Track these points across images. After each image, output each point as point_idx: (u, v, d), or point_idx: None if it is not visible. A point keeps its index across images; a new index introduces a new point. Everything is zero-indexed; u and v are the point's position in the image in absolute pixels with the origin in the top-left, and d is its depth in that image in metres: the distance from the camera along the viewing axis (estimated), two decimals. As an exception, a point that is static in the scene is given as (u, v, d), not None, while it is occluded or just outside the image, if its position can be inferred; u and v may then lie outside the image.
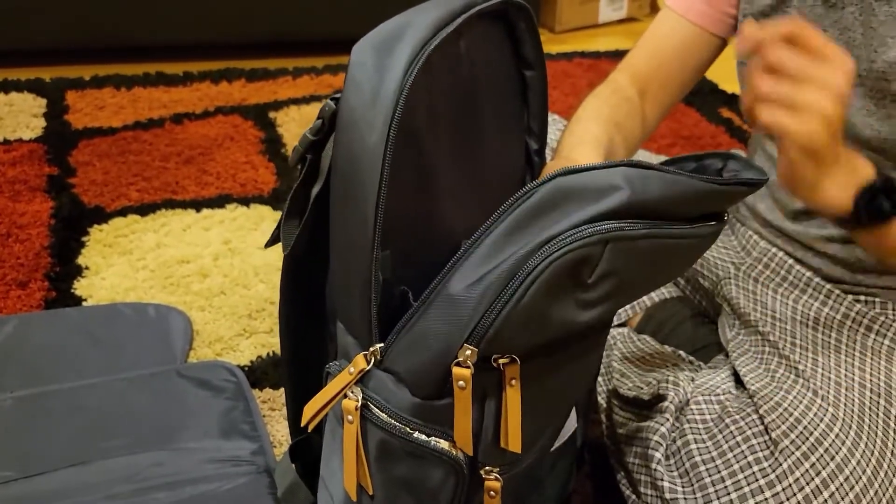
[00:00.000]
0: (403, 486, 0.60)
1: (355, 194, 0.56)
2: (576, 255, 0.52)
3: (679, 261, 0.60)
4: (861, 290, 0.82)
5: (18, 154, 1.47)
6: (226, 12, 1.88)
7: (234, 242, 1.27)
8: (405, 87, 0.54)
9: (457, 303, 0.54)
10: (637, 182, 0.54)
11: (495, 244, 0.54)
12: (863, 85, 0.76)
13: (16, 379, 0.97)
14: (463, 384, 0.55)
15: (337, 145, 0.57)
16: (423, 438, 0.57)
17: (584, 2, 2.32)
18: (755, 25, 0.60)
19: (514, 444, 0.58)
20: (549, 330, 0.55)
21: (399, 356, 0.57)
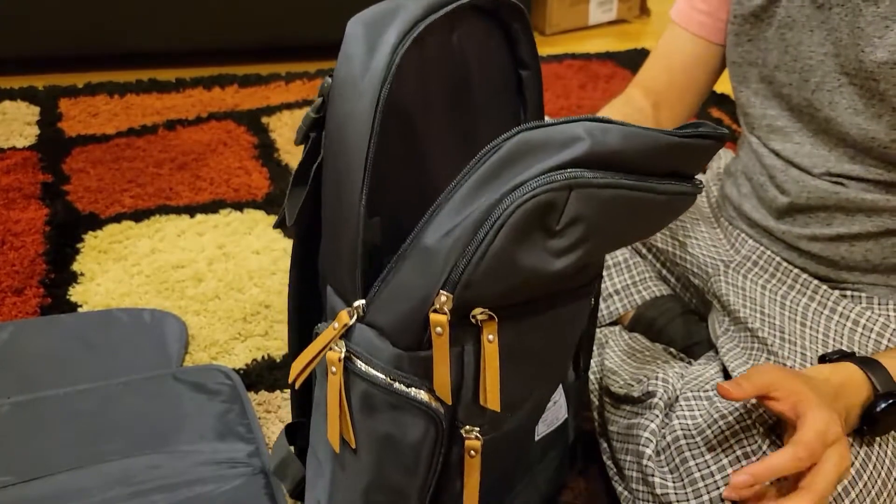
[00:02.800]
0: (385, 440, 0.62)
1: (345, 159, 0.59)
2: (541, 199, 0.54)
3: (650, 217, 0.62)
4: (847, 287, 0.83)
5: (12, 162, 1.48)
6: (218, 19, 1.89)
7: (228, 247, 1.28)
8: (396, 60, 0.57)
9: (431, 253, 0.56)
10: (597, 133, 0.56)
11: (465, 196, 0.56)
12: (851, 84, 0.77)
13: (12, 385, 0.98)
14: (440, 330, 0.57)
15: (329, 114, 0.60)
16: (402, 389, 0.59)
17: (574, 4, 2.33)
18: (745, 476, 0.63)
19: (492, 402, 0.60)
20: (521, 278, 0.57)
21: (380, 310, 0.59)
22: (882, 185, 0.79)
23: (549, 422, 0.76)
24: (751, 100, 0.87)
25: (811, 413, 0.64)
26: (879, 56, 0.73)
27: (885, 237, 0.80)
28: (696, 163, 0.63)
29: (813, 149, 0.82)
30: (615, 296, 0.97)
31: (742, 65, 0.87)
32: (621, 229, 0.60)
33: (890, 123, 0.75)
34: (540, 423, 0.75)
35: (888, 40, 0.73)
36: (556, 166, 0.55)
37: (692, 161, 0.62)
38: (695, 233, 0.96)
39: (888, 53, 0.73)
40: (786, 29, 0.81)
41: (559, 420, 0.78)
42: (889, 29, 0.73)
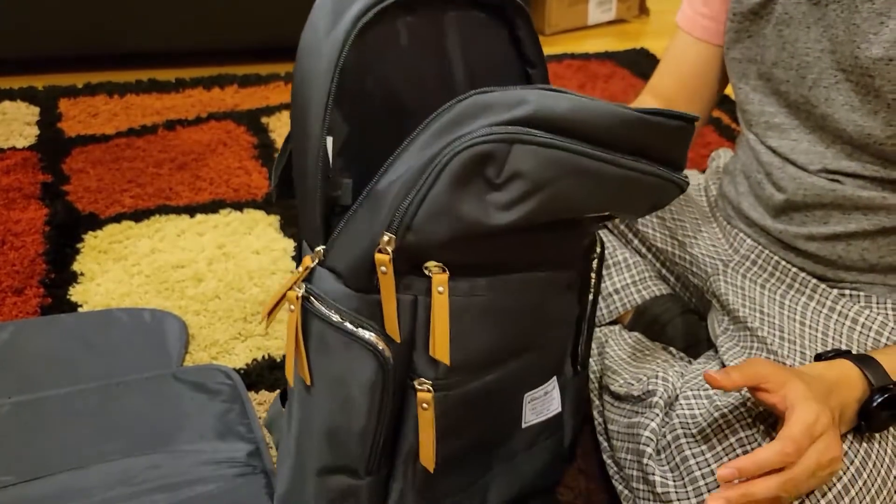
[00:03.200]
0: (337, 379, 0.66)
1: (305, 116, 0.63)
2: (479, 149, 0.57)
3: (610, 189, 0.63)
4: (846, 286, 0.83)
5: (12, 162, 1.48)
6: (217, 19, 1.89)
7: (228, 247, 1.28)
8: (356, 28, 0.61)
9: (379, 197, 0.60)
10: (547, 98, 0.59)
11: (418, 148, 0.60)
12: (848, 80, 0.77)
13: (13, 385, 0.98)
14: (384, 269, 0.60)
15: (294, 77, 0.64)
16: (352, 328, 0.63)
17: (573, 4, 2.34)
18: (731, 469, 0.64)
19: (441, 353, 0.63)
20: (464, 227, 0.60)
21: (337, 254, 0.64)
22: (878, 182, 0.79)
23: (539, 411, 0.77)
24: (749, 96, 0.88)
25: (800, 406, 0.64)
26: (875, 52, 0.74)
27: (882, 236, 0.80)
28: (667, 145, 0.65)
29: (810, 145, 0.82)
30: (615, 295, 0.98)
31: (741, 61, 0.88)
32: (573, 194, 0.62)
33: (886, 120, 0.75)
34: (528, 410, 0.77)
35: (883, 36, 0.73)
36: (500, 122, 0.58)
37: (662, 141, 0.64)
38: (694, 232, 0.96)
39: (883, 50, 0.73)
40: (783, 26, 0.81)
41: (550, 412, 0.78)
42: (884, 25, 0.73)
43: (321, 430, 0.69)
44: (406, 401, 0.67)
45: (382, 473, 0.70)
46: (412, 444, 0.68)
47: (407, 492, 0.71)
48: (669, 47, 0.98)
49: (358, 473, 0.69)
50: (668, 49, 0.98)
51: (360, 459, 0.68)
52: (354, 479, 0.69)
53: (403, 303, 0.63)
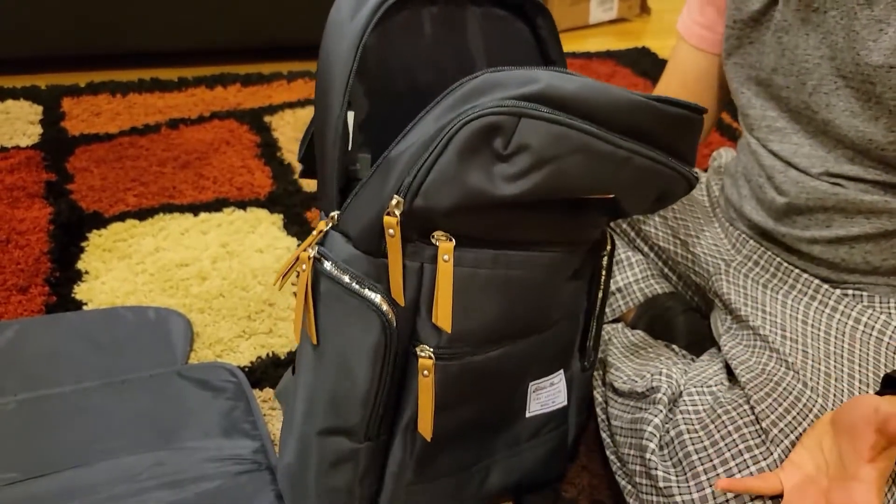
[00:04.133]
0: (342, 339, 0.68)
1: (328, 91, 0.66)
2: (488, 120, 0.59)
3: (616, 172, 0.65)
4: (849, 286, 0.84)
5: (16, 161, 1.48)
6: (220, 18, 1.90)
7: (231, 245, 1.28)
8: (379, 12, 0.64)
9: (391, 164, 0.63)
10: (556, 78, 0.61)
11: (430, 121, 0.62)
12: (848, 87, 0.77)
13: (19, 383, 0.98)
14: (392, 232, 0.63)
15: (319, 55, 0.67)
16: (358, 288, 0.65)
17: (575, 3, 2.34)
18: (726, 484, 0.67)
19: (443, 321, 0.65)
20: (471, 196, 0.61)
21: (350, 218, 0.66)
22: (880, 186, 0.79)
23: (544, 402, 0.78)
24: (751, 101, 0.88)
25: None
26: (875, 59, 0.74)
27: (885, 239, 0.81)
28: (676, 135, 0.66)
29: (812, 149, 0.82)
30: (618, 293, 0.98)
31: (743, 66, 0.88)
32: (578, 172, 0.63)
33: (887, 126, 0.76)
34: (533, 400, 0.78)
35: (883, 43, 0.73)
36: (509, 97, 0.60)
37: (670, 131, 0.66)
38: (696, 231, 0.96)
39: (883, 57, 0.73)
40: (782, 32, 0.82)
41: (556, 404, 0.79)
42: (883, 32, 0.73)
43: (324, 390, 0.70)
44: (408, 369, 0.69)
45: (382, 440, 0.72)
46: (412, 415, 0.70)
47: (406, 463, 0.73)
48: (672, 53, 0.98)
49: (357, 436, 0.71)
50: (672, 55, 0.98)
51: (361, 421, 0.70)
52: (353, 442, 0.71)
53: (410, 269, 0.65)
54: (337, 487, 0.73)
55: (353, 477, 0.72)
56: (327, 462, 0.72)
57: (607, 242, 0.78)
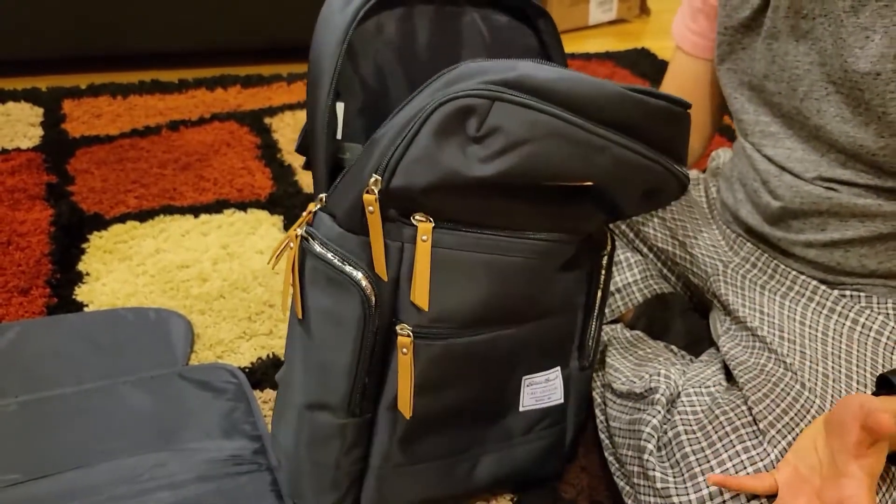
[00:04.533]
0: (325, 314, 0.70)
1: (317, 82, 0.69)
2: (461, 102, 0.62)
3: (594, 159, 0.67)
4: (846, 287, 0.84)
5: (17, 163, 1.49)
6: (220, 20, 1.90)
7: (232, 247, 1.28)
8: (366, 6, 0.67)
9: (373, 145, 0.66)
10: (534, 68, 0.64)
11: (414, 105, 0.65)
12: (838, 93, 0.78)
13: (20, 384, 0.99)
14: (371, 209, 0.65)
15: (311, 46, 0.70)
16: (340, 265, 0.68)
17: (574, 4, 2.34)
18: (720, 479, 0.69)
19: (420, 300, 0.68)
20: (445, 175, 0.64)
21: (336, 199, 0.69)
22: (873, 190, 0.79)
23: (539, 397, 0.79)
24: (744, 106, 0.88)
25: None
26: (862, 66, 0.74)
27: (880, 242, 0.81)
28: (658, 126, 0.68)
29: (805, 154, 0.83)
30: (616, 294, 0.98)
31: (735, 72, 0.88)
32: (552, 156, 0.65)
33: (877, 132, 0.76)
34: (527, 394, 0.79)
35: (870, 51, 0.73)
36: (486, 82, 0.62)
37: (650, 122, 0.67)
38: (694, 233, 0.97)
39: (870, 64, 0.73)
40: (772, 39, 0.82)
41: (551, 400, 0.80)
42: (870, 39, 0.73)
43: (309, 364, 0.73)
44: (390, 347, 0.71)
45: (365, 418, 0.74)
46: (395, 393, 0.72)
47: (390, 442, 0.74)
48: (671, 63, 0.99)
49: (341, 412, 0.73)
50: (670, 64, 0.99)
51: (343, 397, 0.72)
52: (336, 417, 0.73)
53: (392, 249, 0.68)
54: (323, 462, 0.75)
55: (339, 453, 0.74)
56: (314, 437, 0.75)
57: (607, 242, 0.79)
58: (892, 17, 0.72)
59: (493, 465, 0.81)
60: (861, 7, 0.73)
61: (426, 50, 0.71)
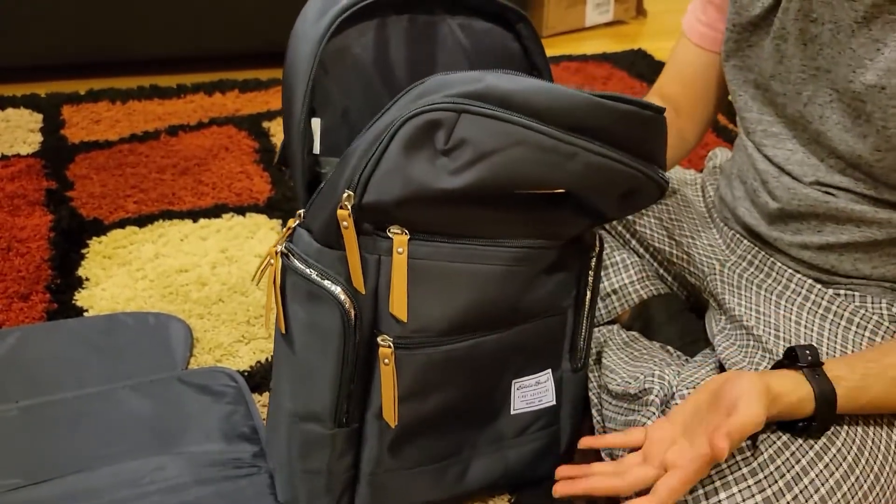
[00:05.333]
0: (307, 328, 0.71)
1: (291, 94, 0.69)
2: (428, 116, 0.63)
3: (570, 166, 0.67)
4: (840, 287, 0.84)
5: (16, 169, 1.49)
6: (218, 25, 1.91)
7: (231, 251, 1.29)
8: (338, 20, 0.67)
9: (345, 161, 0.67)
10: (500, 79, 0.64)
11: (384, 120, 0.65)
12: (840, 101, 0.78)
13: (20, 389, 0.99)
14: (346, 224, 0.66)
15: (285, 60, 0.71)
16: (318, 280, 0.69)
17: (571, 6, 2.35)
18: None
19: (398, 311, 0.69)
20: (416, 188, 0.65)
21: (312, 214, 0.70)
22: (870, 198, 0.80)
23: (529, 400, 0.80)
24: (748, 104, 0.89)
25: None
26: (868, 78, 0.74)
27: (874, 248, 0.81)
28: (630, 131, 0.68)
29: (804, 157, 0.83)
30: (613, 295, 0.99)
31: (742, 69, 0.89)
32: (522, 165, 0.66)
33: (874, 144, 0.76)
34: (518, 398, 0.80)
35: (878, 63, 0.73)
36: (452, 94, 0.63)
37: (622, 127, 0.67)
38: (691, 232, 0.97)
39: (877, 77, 0.73)
40: (780, 40, 0.82)
41: (542, 403, 0.81)
42: (880, 52, 0.73)
43: (295, 376, 0.74)
44: (373, 358, 0.72)
45: (353, 427, 0.75)
46: (380, 402, 0.73)
47: (379, 449, 0.75)
48: (674, 50, 0.99)
49: (328, 423, 0.74)
50: (673, 51, 0.99)
51: (330, 408, 0.73)
52: (324, 428, 0.74)
53: (369, 262, 0.69)
54: (316, 469, 0.76)
55: (330, 460, 0.75)
56: (305, 446, 0.76)
57: (595, 244, 0.79)
58: None
59: (485, 467, 0.82)
60: (873, 19, 0.73)
61: (402, 61, 0.72)
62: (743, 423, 0.65)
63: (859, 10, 0.74)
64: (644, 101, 0.68)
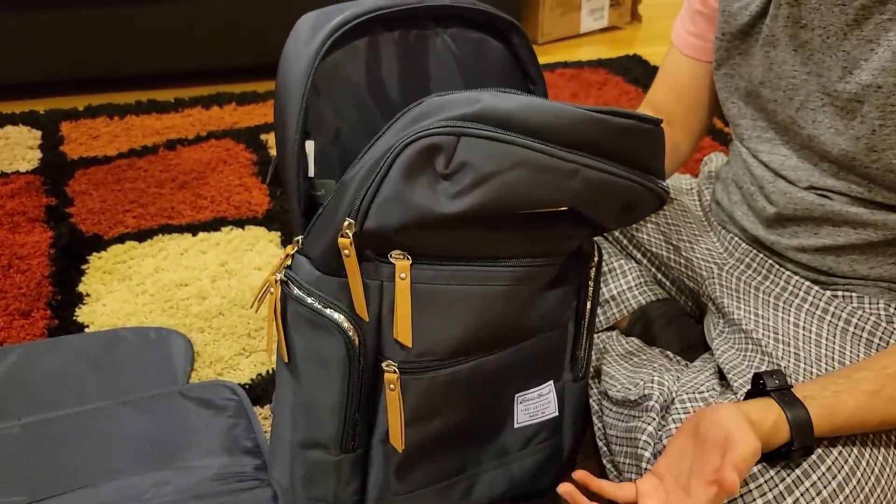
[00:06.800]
0: (310, 357, 0.71)
1: (284, 119, 0.68)
2: (427, 141, 0.62)
3: (571, 183, 0.66)
4: (838, 288, 0.85)
5: (16, 186, 1.50)
6: (214, 39, 1.92)
7: (230, 264, 1.29)
8: (330, 40, 0.67)
9: (344, 188, 0.66)
10: (497, 98, 0.63)
11: (381, 145, 0.65)
12: (832, 105, 0.78)
13: (23, 406, 0.99)
14: (347, 252, 0.65)
15: (276, 82, 0.70)
16: (321, 308, 0.68)
17: (566, 12, 2.36)
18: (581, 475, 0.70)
19: (403, 336, 0.68)
20: (418, 213, 0.64)
21: (312, 241, 0.69)
22: (866, 200, 0.80)
23: (532, 413, 0.79)
24: (741, 111, 0.89)
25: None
26: (864, 78, 0.74)
27: (871, 249, 0.82)
28: (629, 144, 0.68)
29: (799, 161, 0.84)
30: (611, 301, 0.99)
31: (732, 77, 0.89)
32: (524, 186, 0.65)
33: (868, 146, 0.76)
34: (521, 411, 0.79)
35: (872, 63, 0.74)
36: (450, 118, 0.62)
37: (620, 141, 0.67)
38: (688, 236, 0.97)
39: (872, 76, 0.74)
40: (769, 47, 0.83)
41: (545, 415, 0.80)
42: (873, 52, 0.74)
43: (298, 405, 0.73)
44: (378, 384, 0.72)
45: (359, 452, 0.74)
46: (386, 427, 0.72)
47: (385, 473, 0.75)
48: (664, 61, 0.99)
49: (334, 449, 0.73)
50: (663, 63, 0.99)
51: (336, 435, 0.72)
52: (329, 454, 0.73)
53: (372, 288, 0.68)
54: (321, 496, 0.75)
55: (336, 487, 0.75)
56: (309, 473, 0.75)
57: (594, 253, 0.79)
58: (895, 30, 0.72)
59: (490, 482, 0.81)
60: (864, 20, 0.74)
61: (395, 78, 0.71)
62: (744, 453, 0.63)
63: (849, 13, 0.74)
64: (642, 115, 0.68)
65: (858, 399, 0.69)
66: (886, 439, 0.73)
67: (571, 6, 2.35)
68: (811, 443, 0.68)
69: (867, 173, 0.78)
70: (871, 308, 0.83)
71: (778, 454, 0.68)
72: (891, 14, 0.73)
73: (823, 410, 0.68)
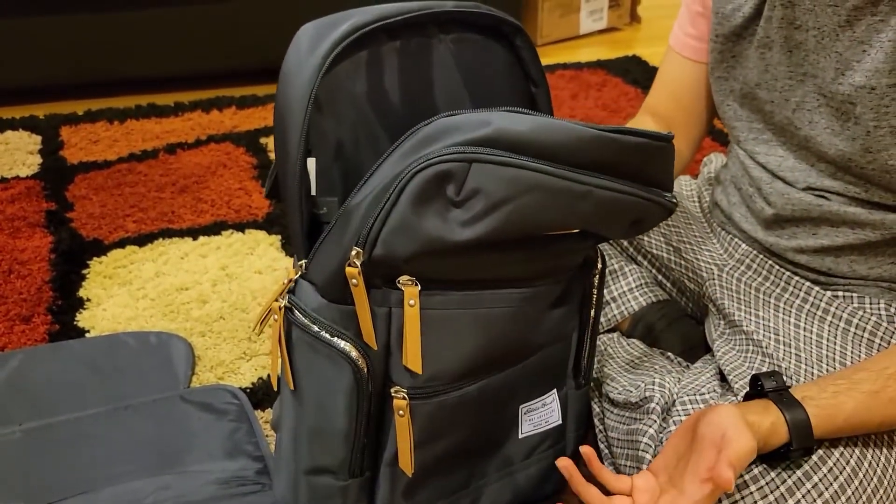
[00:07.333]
0: (317, 385, 0.69)
1: (285, 136, 0.66)
2: (438, 168, 0.60)
3: (577, 206, 0.65)
4: (838, 288, 0.85)
5: (16, 191, 1.50)
6: (213, 43, 1.92)
7: (231, 268, 1.29)
8: (332, 54, 0.64)
9: (350, 215, 0.64)
10: (508, 120, 0.62)
11: (387, 168, 0.63)
12: (828, 105, 0.78)
13: (23, 411, 0.99)
14: (355, 282, 0.63)
15: (276, 98, 0.67)
16: (327, 337, 0.66)
17: (565, 14, 2.36)
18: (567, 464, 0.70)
19: (413, 363, 0.66)
20: (428, 242, 0.62)
21: (316, 267, 0.67)
22: (863, 200, 0.80)
23: (536, 423, 0.79)
24: (737, 113, 0.89)
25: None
26: (857, 80, 0.74)
27: (869, 249, 0.82)
28: (643, 163, 0.66)
29: (796, 162, 0.84)
30: (612, 303, 0.99)
31: (727, 79, 0.89)
32: (536, 210, 0.64)
33: (864, 146, 0.76)
34: (525, 422, 0.78)
35: (865, 65, 0.74)
36: (461, 143, 0.61)
37: (636, 160, 0.66)
38: (689, 238, 0.97)
39: (865, 78, 0.74)
40: (764, 49, 0.83)
41: (549, 424, 0.80)
42: (866, 53, 0.74)
43: (306, 433, 0.72)
44: (386, 409, 0.70)
45: (367, 476, 0.73)
46: (394, 451, 0.71)
47: (393, 497, 0.74)
48: (662, 67, 0.99)
49: (342, 475, 0.72)
50: (662, 69, 0.99)
51: (344, 461, 0.71)
52: (338, 480, 0.72)
53: (379, 315, 0.66)
54: None
55: None
56: (315, 497, 0.73)
57: (598, 261, 0.78)
58: (887, 31, 0.72)
59: (496, 493, 0.81)
60: (855, 21, 0.74)
61: (398, 90, 0.69)
62: (739, 451, 0.63)
63: (842, 14, 0.74)
64: (654, 133, 0.66)
65: (858, 400, 0.69)
66: (889, 440, 0.73)
67: (571, 7, 2.35)
68: (811, 443, 0.68)
69: (864, 174, 0.78)
70: (872, 308, 0.83)
71: (777, 455, 0.68)
72: (882, 15, 0.72)
73: (822, 411, 0.68)
